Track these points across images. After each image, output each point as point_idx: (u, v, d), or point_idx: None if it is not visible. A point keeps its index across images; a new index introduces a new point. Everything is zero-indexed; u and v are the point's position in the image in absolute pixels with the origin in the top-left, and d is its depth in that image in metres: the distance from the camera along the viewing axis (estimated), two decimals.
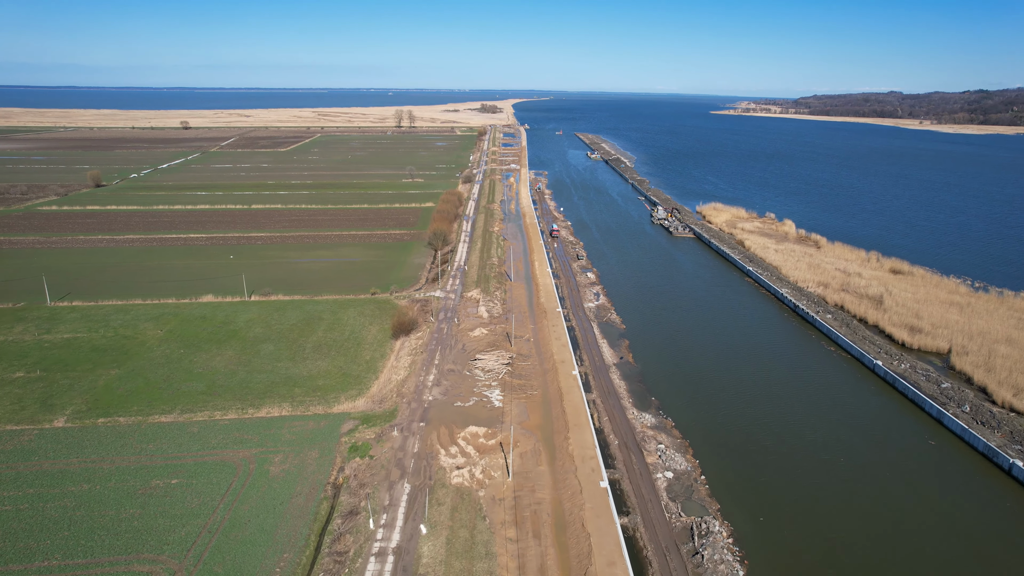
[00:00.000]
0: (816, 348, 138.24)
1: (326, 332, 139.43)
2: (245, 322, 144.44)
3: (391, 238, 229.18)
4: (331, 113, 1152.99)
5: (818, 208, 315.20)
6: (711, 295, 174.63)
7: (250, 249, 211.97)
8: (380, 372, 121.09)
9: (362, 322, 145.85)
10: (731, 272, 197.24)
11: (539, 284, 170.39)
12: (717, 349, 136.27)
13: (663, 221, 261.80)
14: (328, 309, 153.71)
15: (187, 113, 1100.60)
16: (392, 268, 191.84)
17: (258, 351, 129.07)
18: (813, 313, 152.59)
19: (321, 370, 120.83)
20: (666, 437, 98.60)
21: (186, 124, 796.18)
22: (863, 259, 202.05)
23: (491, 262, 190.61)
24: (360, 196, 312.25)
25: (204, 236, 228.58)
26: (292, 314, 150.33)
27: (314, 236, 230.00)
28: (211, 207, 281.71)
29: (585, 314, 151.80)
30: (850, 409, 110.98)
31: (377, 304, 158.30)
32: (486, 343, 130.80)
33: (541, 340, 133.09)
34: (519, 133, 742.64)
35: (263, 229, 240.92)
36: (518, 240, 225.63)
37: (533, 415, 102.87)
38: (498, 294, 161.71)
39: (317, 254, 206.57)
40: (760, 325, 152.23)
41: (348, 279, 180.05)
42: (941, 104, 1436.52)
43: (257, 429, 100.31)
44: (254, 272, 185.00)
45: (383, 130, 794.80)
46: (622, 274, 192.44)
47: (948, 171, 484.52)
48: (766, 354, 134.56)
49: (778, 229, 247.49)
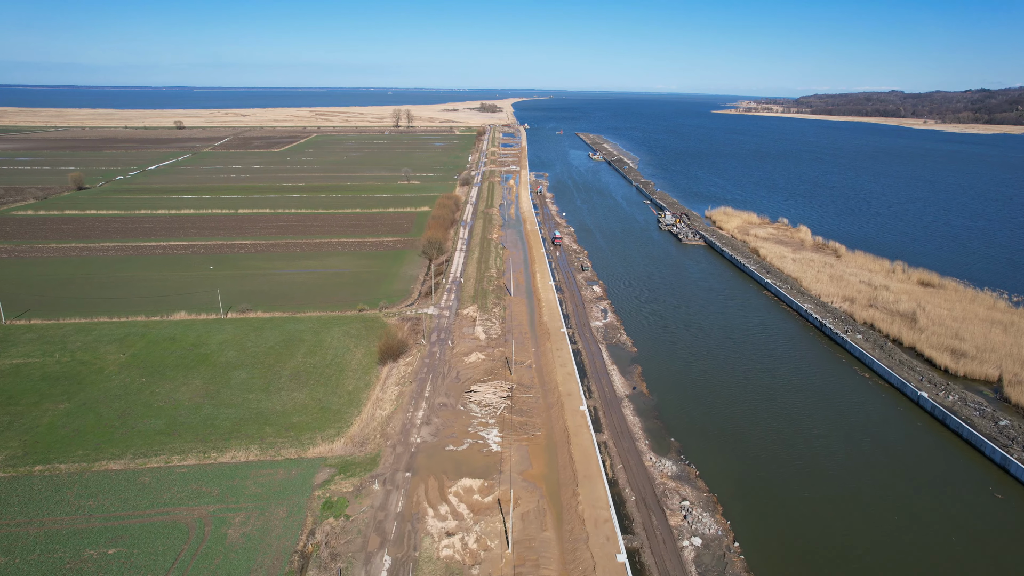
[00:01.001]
0: (848, 375, 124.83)
1: (306, 356, 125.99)
2: (218, 344, 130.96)
3: (383, 246, 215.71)
4: (328, 113, 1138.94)
5: (831, 212, 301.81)
6: (727, 311, 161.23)
7: (232, 259, 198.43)
8: (363, 406, 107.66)
9: (347, 344, 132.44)
10: (747, 284, 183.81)
11: (541, 299, 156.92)
12: (738, 376, 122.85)
13: (671, 227, 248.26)
14: (310, 329, 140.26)
15: (182, 112, 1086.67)
16: (383, 280, 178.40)
17: (228, 380, 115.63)
18: (841, 333, 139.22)
19: (297, 403, 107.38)
20: (690, 490, 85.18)
21: (180, 124, 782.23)
22: (887, 270, 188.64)
23: (489, 274, 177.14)
24: (352, 200, 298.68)
25: (185, 244, 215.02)
26: (270, 335, 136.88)
27: (301, 244, 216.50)
28: (196, 212, 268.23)
29: (592, 334, 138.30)
30: (897, 451, 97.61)
31: (364, 322, 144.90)
32: (483, 371, 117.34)
33: (544, 367, 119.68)
34: (519, 133, 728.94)
35: (248, 236, 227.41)
36: (518, 248, 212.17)
37: (536, 462, 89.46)
38: (496, 311, 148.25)
39: (303, 264, 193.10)
40: (783, 346, 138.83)
41: (334, 293, 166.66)
42: (944, 103, 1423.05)
43: (219, 479, 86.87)
44: (234, 285, 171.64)
45: (380, 130, 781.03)
46: (630, 287, 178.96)
47: (960, 172, 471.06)
48: (793, 382, 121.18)
49: (793, 236, 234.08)
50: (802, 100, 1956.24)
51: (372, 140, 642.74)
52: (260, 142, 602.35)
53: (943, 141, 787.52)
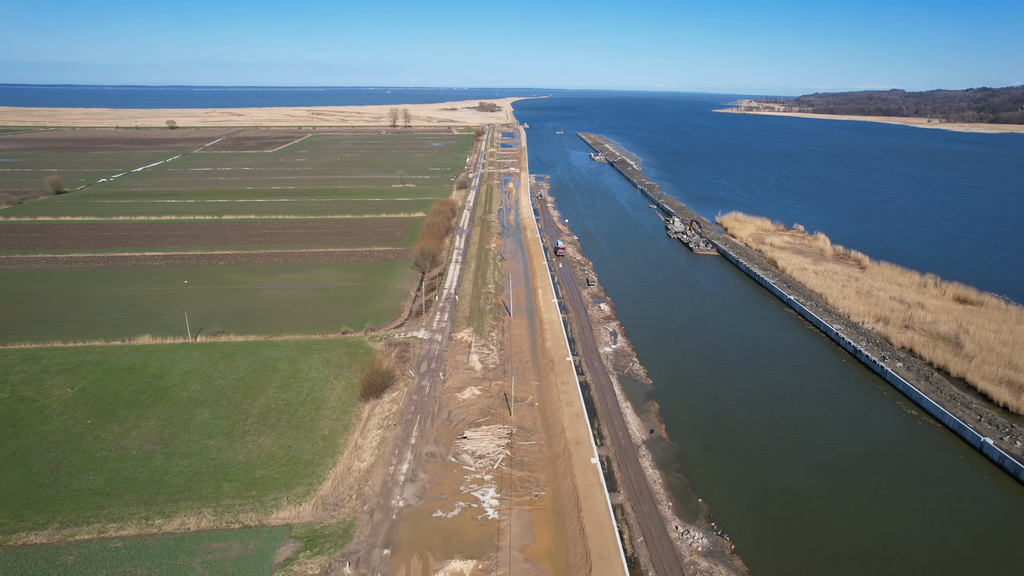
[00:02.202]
0: (892, 412, 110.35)
1: (279, 391, 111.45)
2: (181, 376, 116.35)
3: (373, 256, 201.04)
4: (325, 112, 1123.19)
5: (845, 217, 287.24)
6: (747, 332, 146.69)
7: (210, 272, 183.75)
8: (339, 455, 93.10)
9: (326, 375, 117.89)
10: (766, 300, 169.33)
11: (544, 320, 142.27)
12: (767, 415, 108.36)
13: (680, 235, 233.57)
14: (286, 356, 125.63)
15: (177, 112, 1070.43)
16: (371, 296, 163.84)
17: (188, 421, 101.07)
18: (879, 360, 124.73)
19: (263, 452, 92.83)
20: (726, 572, 70.65)
21: (172, 124, 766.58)
22: (918, 284, 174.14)
23: (487, 289, 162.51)
24: (343, 205, 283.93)
25: (160, 255, 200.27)
26: (241, 363, 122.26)
27: (285, 255, 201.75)
28: (177, 218, 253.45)
29: (601, 363, 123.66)
30: (967, 516, 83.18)
31: (347, 348, 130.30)
32: (478, 410, 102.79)
33: (548, 405, 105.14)
34: (518, 133, 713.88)
35: (229, 245, 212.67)
36: (518, 259, 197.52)
37: (541, 534, 74.96)
38: (494, 335, 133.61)
39: (285, 278, 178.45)
40: (814, 376, 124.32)
41: (317, 311, 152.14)
42: (946, 102, 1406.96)
43: (160, 556, 72.38)
44: (208, 302, 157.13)
45: (377, 130, 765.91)
46: (641, 304, 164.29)
47: (973, 174, 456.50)
48: (831, 422, 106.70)
49: (811, 244, 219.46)
50: (803, 99, 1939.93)
51: (368, 140, 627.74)
52: (253, 143, 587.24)
53: (950, 141, 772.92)
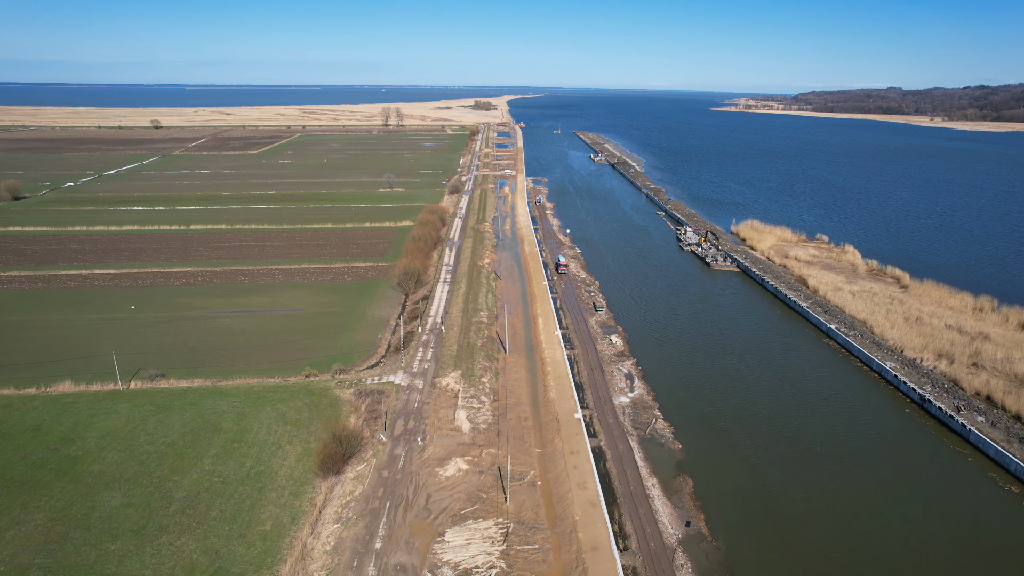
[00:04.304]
0: (987, 488, 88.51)
1: (217, 461, 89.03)
2: (98, 440, 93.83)
3: (352, 274, 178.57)
4: (316, 111, 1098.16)
5: (868, 225, 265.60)
6: (785, 373, 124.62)
7: (163, 295, 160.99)
8: (281, 565, 70.72)
9: (278, 437, 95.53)
10: (801, 327, 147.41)
11: (546, 359, 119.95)
12: (829, 494, 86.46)
13: (695, 247, 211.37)
14: (234, 410, 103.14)
15: (165, 111, 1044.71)
16: (344, 325, 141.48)
17: (92, 510, 78.60)
18: (952, 412, 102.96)
19: (180, 563, 70.44)
20: None
21: (157, 123, 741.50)
22: (972, 307, 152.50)
23: (478, 318, 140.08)
24: (324, 213, 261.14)
25: (111, 273, 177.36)
26: (177, 420, 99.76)
27: (252, 273, 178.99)
28: (139, 228, 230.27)
29: (617, 419, 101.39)
30: None
31: (309, 397, 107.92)
32: (464, 494, 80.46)
33: (554, 484, 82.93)
34: (514, 132, 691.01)
35: (192, 261, 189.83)
36: (515, 278, 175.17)
37: None
38: (486, 380, 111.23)
39: (249, 302, 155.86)
40: (877, 435, 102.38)
41: (280, 345, 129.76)
42: (945, 100, 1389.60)
43: None
44: (154, 334, 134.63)
45: (369, 129, 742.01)
46: (657, 335, 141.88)
47: (991, 175, 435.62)
48: (909, 503, 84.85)
49: (840, 258, 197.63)
50: (801, 97, 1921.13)
51: (358, 140, 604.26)
52: (238, 143, 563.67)
53: (957, 139, 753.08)
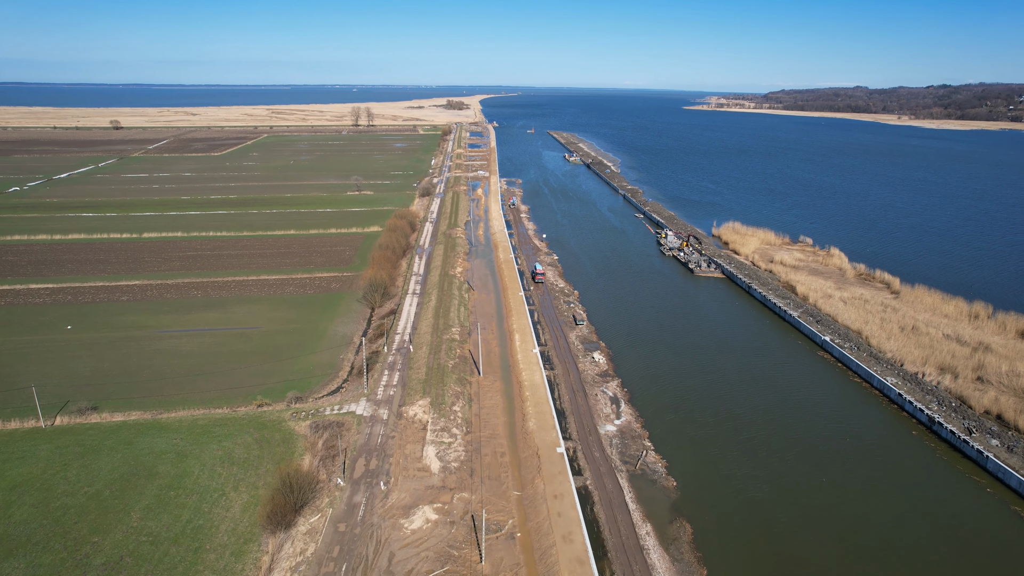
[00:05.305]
0: (1010, 521, 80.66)
1: (148, 515, 77.19)
2: (7, 491, 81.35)
3: (314, 286, 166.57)
4: (285, 111, 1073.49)
5: (850, 226, 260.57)
6: (780, 390, 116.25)
7: (106, 312, 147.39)
8: None
9: (223, 482, 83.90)
10: (792, 339, 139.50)
11: (523, 383, 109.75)
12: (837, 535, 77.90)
13: (676, 252, 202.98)
14: (173, 449, 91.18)
15: (128, 111, 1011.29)
16: (303, 345, 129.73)
17: None
18: (965, 435, 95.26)
19: None
20: None
21: (117, 124, 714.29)
22: (967, 314, 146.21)
23: (450, 335, 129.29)
24: (288, 218, 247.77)
25: (49, 288, 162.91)
26: (106, 464, 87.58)
27: (206, 286, 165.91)
28: (87, 237, 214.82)
29: (604, 452, 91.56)
30: None
31: (260, 431, 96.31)
32: (433, 552, 69.84)
33: (536, 536, 72.72)
34: (487, 132, 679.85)
35: (141, 273, 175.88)
36: (489, 288, 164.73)
37: None
38: (458, 408, 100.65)
39: (200, 319, 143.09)
40: (889, 462, 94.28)
41: (231, 370, 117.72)
42: (910, 99, 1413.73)
43: None
44: (90, 359, 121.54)
45: (338, 129, 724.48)
46: (642, 351, 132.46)
47: (962, 173, 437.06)
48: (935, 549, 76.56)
49: (826, 262, 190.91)
50: (771, 95, 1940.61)
51: (327, 141, 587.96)
52: (202, 144, 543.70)
53: (926, 138, 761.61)
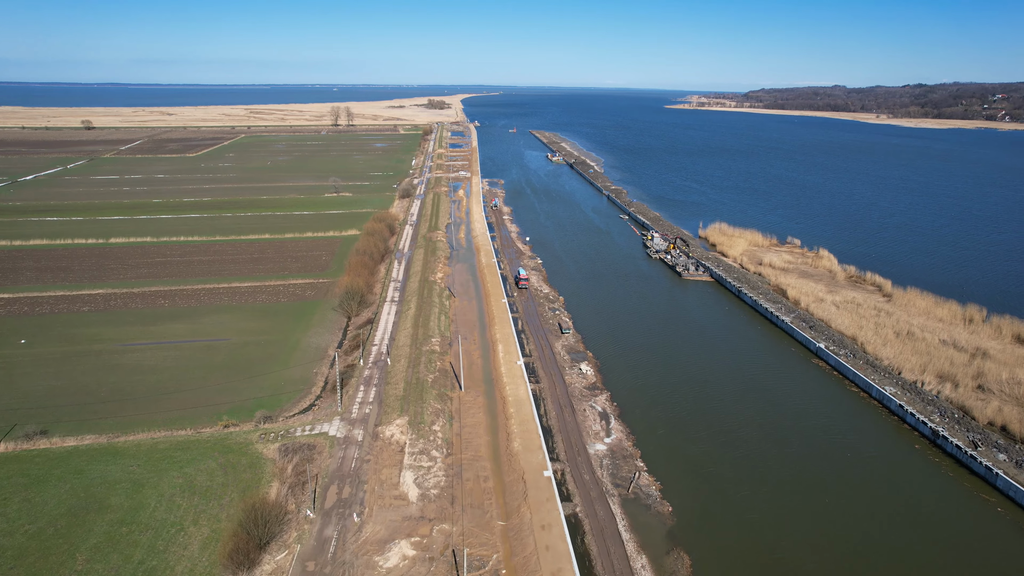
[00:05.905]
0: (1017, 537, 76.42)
1: (94, 556, 70.19)
2: None
3: (288, 294, 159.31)
4: (264, 111, 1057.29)
5: (835, 226, 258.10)
6: (776, 402, 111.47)
7: (64, 323, 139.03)
8: None
9: (181, 515, 76.97)
10: (785, 345, 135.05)
11: (507, 398, 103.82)
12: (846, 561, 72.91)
13: (663, 255, 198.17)
14: (128, 478, 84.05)
15: (101, 111, 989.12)
16: (274, 358, 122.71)
17: None
18: (970, 449, 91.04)
19: None
20: None
21: (88, 124, 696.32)
22: (962, 318, 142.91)
23: (430, 346, 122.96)
24: (263, 221, 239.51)
25: (3, 298, 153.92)
26: (52, 495, 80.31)
27: (175, 294, 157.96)
28: (49, 243, 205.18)
29: (594, 474, 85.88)
30: None
31: (225, 455, 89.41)
32: None
33: (523, 572, 66.76)
34: (469, 131, 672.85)
35: (105, 282, 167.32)
36: (470, 295, 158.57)
37: None
38: (438, 427, 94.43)
39: (166, 331, 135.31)
40: (891, 478, 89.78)
41: (196, 387, 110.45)
42: (887, 98, 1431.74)
43: None
44: (43, 375, 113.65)
45: (317, 129, 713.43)
46: (631, 361, 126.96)
47: (942, 172, 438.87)
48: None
49: (816, 264, 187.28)
50: (751, 94, 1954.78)
51: (305, 141, 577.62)
52: (176, 145, 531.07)
53: (904, 136, 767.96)
